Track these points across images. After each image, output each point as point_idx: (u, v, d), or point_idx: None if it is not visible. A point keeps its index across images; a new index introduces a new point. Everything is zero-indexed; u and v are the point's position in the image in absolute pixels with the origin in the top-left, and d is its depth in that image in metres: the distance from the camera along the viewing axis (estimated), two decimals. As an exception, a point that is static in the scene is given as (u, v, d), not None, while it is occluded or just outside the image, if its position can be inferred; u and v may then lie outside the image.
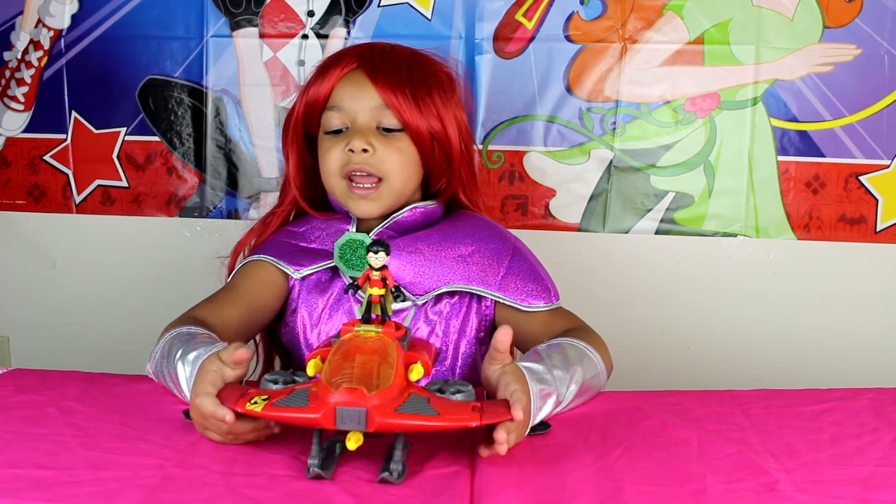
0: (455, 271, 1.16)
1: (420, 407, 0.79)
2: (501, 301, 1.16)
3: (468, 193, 1.26)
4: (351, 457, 0.84)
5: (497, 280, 1.16)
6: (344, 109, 1.18)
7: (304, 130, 1.23)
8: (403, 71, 1.19)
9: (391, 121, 1.17)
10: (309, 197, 1.25)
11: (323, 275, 1.20)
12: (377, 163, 1.16)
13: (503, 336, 0.88)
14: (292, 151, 1.24)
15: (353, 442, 0.79)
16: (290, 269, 1.18)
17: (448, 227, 1.21)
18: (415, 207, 1.20)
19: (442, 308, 1.19)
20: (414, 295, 1.16)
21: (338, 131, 1.19)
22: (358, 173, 1.16)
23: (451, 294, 1.18)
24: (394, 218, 1.19)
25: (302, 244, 1.21)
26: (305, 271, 1.18)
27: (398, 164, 1.17)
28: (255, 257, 1.20)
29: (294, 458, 0.84)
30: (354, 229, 1.20)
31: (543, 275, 1.19)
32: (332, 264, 1.18)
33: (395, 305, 1.15)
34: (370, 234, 1.17)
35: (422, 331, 1.18)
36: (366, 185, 1.16)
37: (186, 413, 0.92)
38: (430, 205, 1.22)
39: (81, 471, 0.80)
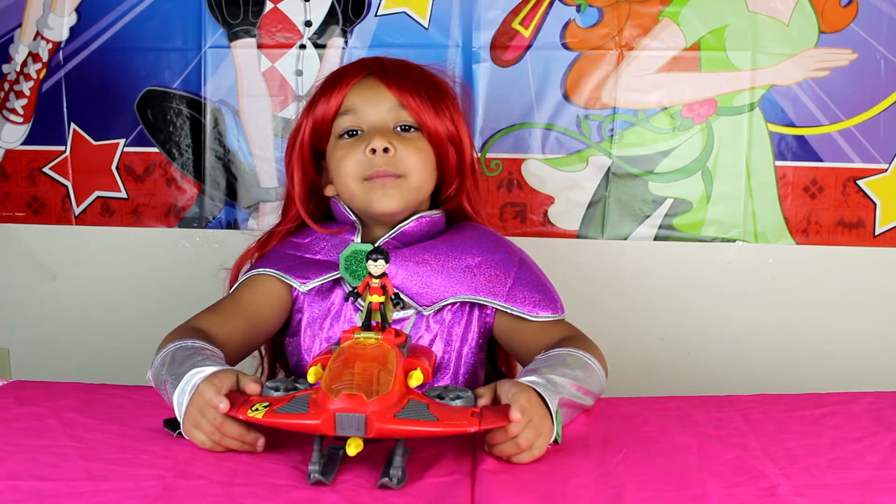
0: (462, 282, 1.16)
1: (419, 413, 0.80)
2: (509, 312, 1.17)
3: (473, 204, 1.27)
4: (351, 464, 0.84)
5: (504, 291, 1.16)
6: (359, 112, 1.19)
7: (311, 146, 1.23)
8: (415, 76, 1.21)
9: (407, 120, 1.19)
10: (310, 215, 1.24)
11: (324, 283, 1.20)
12: (398, 162, 1.16)
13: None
14: (297, 168, 1.24)
15: (352, 448, 0.79)
16: (296, 283, 1.18)
17: (454, 238, 1.21)
18: (420, 217, 1.20)
19: (444, 316, 1.19)
20: (421, 305, 1.16)
21: (352, 134, 1.19)
22: (380, 175, 1.16)
23: (454, 302, 1.19)
24: (400, 228, 1.19)
25: (307, 256, 1.21)
26: (311, 284, 1.17)
27: (418, 163, 1.18)
28: (259, 271, 1.19)
29: (294, 467, 0.84)
30: (359, 240, 1.20)
31: (550, 287, 1.20)
32: (338, 276, 1.17)
33: (397, 314, 1.15)
34: (375, 245, 1.17)
35: (424, 339, 1.17)
36: (387, 178, 1.17)
37: (168, 423, 0.93)
38: (434, 214, 1.22)
39: (82, 482, 0.80)
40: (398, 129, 1.19)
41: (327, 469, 0.82)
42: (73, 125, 1.78)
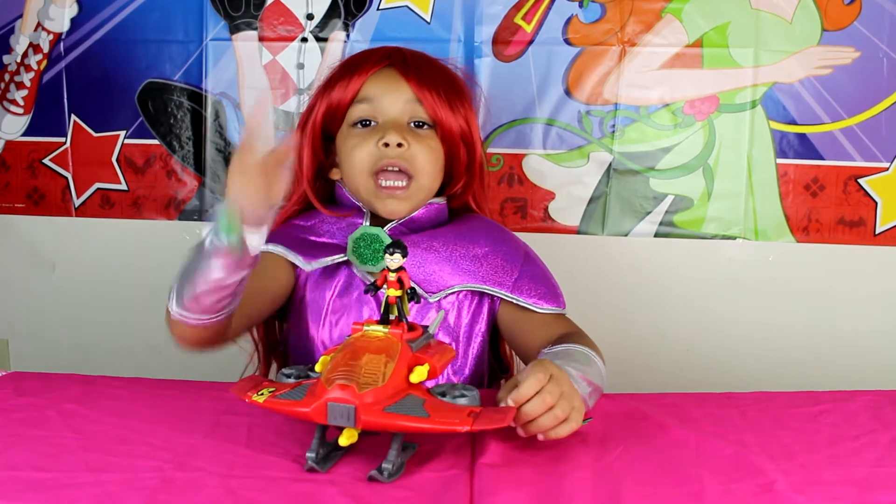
0: (469, 271, 1.17)
1: (412, 408, 0.80)
2: (514, 302, 1.17)
3: (478, 200, 1.28)
4: (352, 457, 0.84)
5: (511, 281, 1.17)
6: (375, 102, 1.19)
7: (322, 128, 1.23)
8: (434, 71, 1.22)
9: (422, 116, 1.19)
10: (315, 196, 1.25)
11: (327, 267, 1.19)
12: (410, 158, 1.17)
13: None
14: (307, 148, 1.24)
15: (345, 438, 0.80)
16: (299, 261, 1.18)
17: (462, 227, 1.22)
18: (430, 204, 1.21)
19: (452, 302, 1.19)
20: (427, 292, 1.16)
21: (365, 124, 1.19)
22: (390, 168, 1.16)
23: (460, 291, 1.19)
24: (408, 214, 1.20)
25: (311, 237, 1.21)
26: (317, 264, 1.17)
27: (429, 161, 1.18)
28: (264, 247, 1.19)
29: (294, 461, 0.84)
30: (368, 223, 1.20)
31: (553, 281, 1.21)
32: (344, 258, 1.17)
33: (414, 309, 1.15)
34: (384, 229, 1.18)
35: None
36: (397, 184, 1.17)
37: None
38: (441, 201, 1.23)
39: (81, 473, 0.80)
40: (412, 124, 1.19)
41: (325, 458, 0.82)
42: (73, 116, 1.78)
